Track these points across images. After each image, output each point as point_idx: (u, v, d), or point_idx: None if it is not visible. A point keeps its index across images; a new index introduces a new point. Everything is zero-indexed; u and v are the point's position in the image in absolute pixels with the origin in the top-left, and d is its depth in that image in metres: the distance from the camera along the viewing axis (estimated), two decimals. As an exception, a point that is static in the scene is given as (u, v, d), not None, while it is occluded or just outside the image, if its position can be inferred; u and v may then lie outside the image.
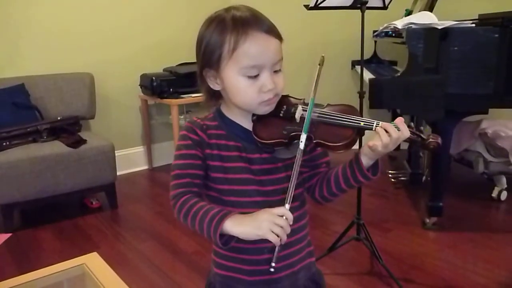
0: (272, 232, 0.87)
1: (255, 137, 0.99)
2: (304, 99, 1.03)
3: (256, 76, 0.96)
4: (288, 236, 1.02)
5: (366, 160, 0.99)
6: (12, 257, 2.52)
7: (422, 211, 2.88)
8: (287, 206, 0.91)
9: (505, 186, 3.05)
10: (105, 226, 2.93)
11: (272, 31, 0.97)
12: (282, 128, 0.99)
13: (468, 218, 2.82)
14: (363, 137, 1.05)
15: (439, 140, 0.94)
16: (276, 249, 0.91)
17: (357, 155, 1.00)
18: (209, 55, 0.98)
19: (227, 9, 0.99)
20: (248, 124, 1.03)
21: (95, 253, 1.28)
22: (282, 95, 1.03)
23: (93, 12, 3.67)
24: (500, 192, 3.03)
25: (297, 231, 1.07)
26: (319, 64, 1.01)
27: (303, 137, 0.95)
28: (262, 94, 0.96)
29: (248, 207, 1.00)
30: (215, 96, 1.06)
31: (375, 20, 2.98)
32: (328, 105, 1.04)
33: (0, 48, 3.32)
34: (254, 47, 0.94)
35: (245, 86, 0.96)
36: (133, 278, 2.21)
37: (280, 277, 1.06)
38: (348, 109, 1.01)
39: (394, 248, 2.46)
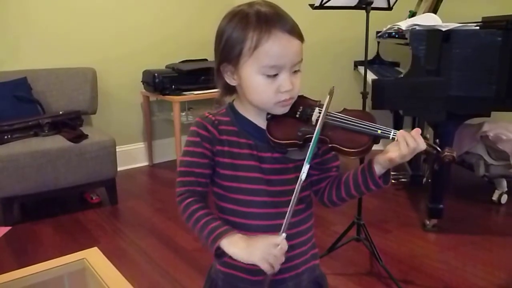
0: (266, 262, 0.87)
1: (269, 136, 0.98)
2: (320, 101, 1.01)
3: (274, 76, 0.94)
4: (293, 238, 1.02)
5: (379, 169, 0.97)
6: (11, 251, 2.52)
7: (422, 213, 2.88)
8: (284, 235, 0.90)
9: (506, 189, 3.05)
10: (105, 221, 2.93)
11: (295, 31, 0.95)
12: (297, 129, 0.98)
13: (468, 221, 2.82)
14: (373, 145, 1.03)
15: (455, 154, 0.93)
16: (267, 275, 0.91)
17: (370, 163, 0.99)
18: (228, 50, 0.96)
19: (251, 4, 0.97)
20: (261, 122, 1.02)
21: (95, 248, 1.28)
22: (299, 95, 1.01)
23: (97, 7, 3.67)
24: (500, 195, 3.03)
25: (302, 234, 1.06)
26: (328, 94, 0.99)
27: (306, 167, 0.93)
28: (279, 94, 0.95)
29: (254, 207, 1.00)
30: (230, 91, 1.05)
31: (378, 21, 2.97)
32: (345, 109, 1.02)
33: (3, 41, 3.32)
34: (276, 47, 0.92)
35: (263, 85, 0.94)
36: (131, 273, 2.21)
37: (283, 278, 1.05)
38: (365, 116, 0.99)
39: (394, 249, 2.46)
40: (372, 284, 2.16)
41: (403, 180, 3.42)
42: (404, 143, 0.91)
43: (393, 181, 3.37)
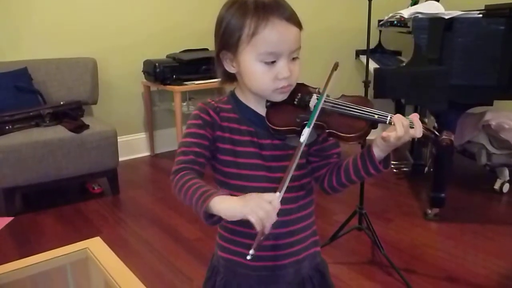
0: (256, 215, 0.82)
1: (268, 124, 0.99)
2: (319, 88, 1.02)
3: (272, 63, 0.95)
4: (293, 223, 1.05)
5: (378, 153, 0.98)
6: (13, 241, 2.53)
7: (424, 202, 2.88)
8: (278, 194, 0.87)
9: (508, 178, 3.05)
10: (107, 211, 2.94)
11: (293, 18, 0.96)
12: (295, 116, 0.98)
13: (470, 210, 2.82)
14: (372, 131, 1.03)
15: (452, 138, 0.93)
16: (258, 236, 0.85)
17: (369, 147, 0.99)
18: (227, 38, 0.97)
19: None
20: (261, 110, 1.03)
21: (98, 238, 1.28)
22: (298, 83, 1.02)
23: (97, -3, 3.66)
24: (502, 184, 3.03)
25: (303, 219, 1.07)
26: (333, 68, 1.00)
27: (306, 131, 0.93)
28: (277, 81, 0.96)
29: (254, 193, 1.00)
30: (230, 79, 1.06)
31: (380, 10, 2.95)
32: (343, 95, 1.02)
33: (3, 31, 3.30)
34: (273, 34, 0.93)
35: (261, 72, 0.95)
36: (134, 262, 2.20)
37: (284, 264, 1.06)
38: (363, 101, 1.00)
39: (395, 238, 2.47)
40: (374, 273, 2.16)
41: (404, 169, 3.42)
42: (400, 123, 0.91)
43: (394, 170, 3.38)
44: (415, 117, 0.93)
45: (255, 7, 0.94)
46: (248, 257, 0.84)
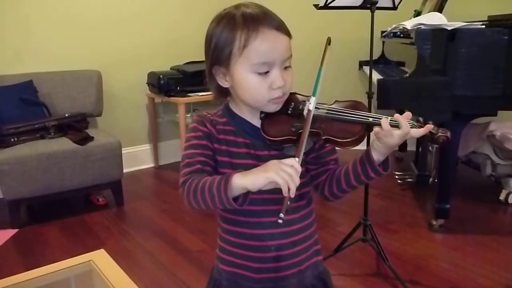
0: (282, 177, 0.84)
1: (264, 135, 0.99)
2: (310, 96, 1.02)
3: (266, 73, 0.96)
4: (295, 234, 1.05)
5: (376, 156, 0.98)
6: (18, 253, 2.53)
7: (428, 213, 2.86)
8: (296, 159, 0.88)
9: (513, 189, 3.03)
10: (111, 223, 2.94)
11: (282, 27, 0.97)
12: (290, 125, 0.99)
13: (475, 221, 2.80)
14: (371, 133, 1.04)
15: (448, 134, 0.92)
16: (285, 200, 0.86)
17: (367, 151, 0.99)
18: (219, 53, 0.98)
19: (237, 6, 0.99)
20: (256, 121, 1.03)
21: (102, 250, 1.28)
22: (290, 92, 1.03)
23: (102, 10, 3.69)
24: (507, 195, 3.01)
25: (304, 229, 1.07)
26: (327, 43, 1.02)
27: (312, 99, 0.95)
28: (272, 91, 0.97)
29: (254, 204, 0.99)
30: (224, 94, 1.07)
31: (383, 21, 2.97)
32: (336, 101, 1.03)
33: (8, 44, 3.34)
34: (265, 44, 0.94)
35: (256, 83, 0.96)
36: (138, 274, 2.21)
37: (287, 275, 1.06)
38: (356, 105, 1.01)
39: (400, 250, 2.45)
40: (379, 285, 2.15)
41: (409, 180, 3.41)
42: (387, 122, 0.92)
43: (399, 181, 3.37)
44: (408, 115, 0.93)
45: (244, 19, 0.95)
46: (280, 221, 0.85)
